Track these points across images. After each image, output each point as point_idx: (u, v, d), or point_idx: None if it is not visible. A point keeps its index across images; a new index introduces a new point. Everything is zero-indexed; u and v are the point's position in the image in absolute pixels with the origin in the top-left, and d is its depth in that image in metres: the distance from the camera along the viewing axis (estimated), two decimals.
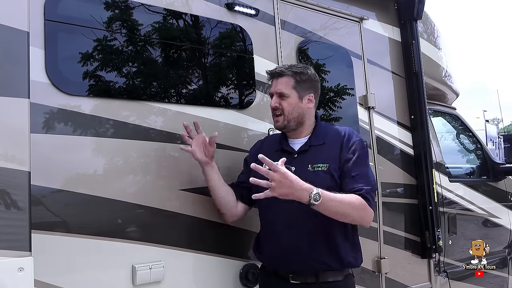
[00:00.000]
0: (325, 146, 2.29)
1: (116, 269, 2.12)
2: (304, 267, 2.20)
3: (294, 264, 2.22)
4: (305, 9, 3.10)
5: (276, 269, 2.30)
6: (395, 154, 3.52)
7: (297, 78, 2.31)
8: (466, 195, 4.15)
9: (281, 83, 2.30)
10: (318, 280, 2.20)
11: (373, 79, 3.40)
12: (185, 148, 2.30)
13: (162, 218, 2.28)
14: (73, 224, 2.04)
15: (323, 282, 2.20)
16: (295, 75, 2.31)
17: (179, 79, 2.49)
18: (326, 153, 2.26)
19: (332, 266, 2.20)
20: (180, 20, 2.52)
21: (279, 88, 2.30)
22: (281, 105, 2.29)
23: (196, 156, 2.28)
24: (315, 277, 2.20)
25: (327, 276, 2.20)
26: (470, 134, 4.82)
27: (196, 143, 2.30)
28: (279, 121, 2.31)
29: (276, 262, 2.29)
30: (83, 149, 2.11)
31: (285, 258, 2.23)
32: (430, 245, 3.46)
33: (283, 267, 2.26)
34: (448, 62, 4.54)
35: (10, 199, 1.50)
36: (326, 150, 2.28)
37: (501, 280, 4.42)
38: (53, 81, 2.04)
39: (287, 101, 2.29)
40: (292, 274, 2.22)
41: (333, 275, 2.21)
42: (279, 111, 2.29)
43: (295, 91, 2.30)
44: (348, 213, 2.11)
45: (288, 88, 2.29)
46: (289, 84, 2.30)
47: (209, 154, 2.31)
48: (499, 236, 4.54)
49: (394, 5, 3.69)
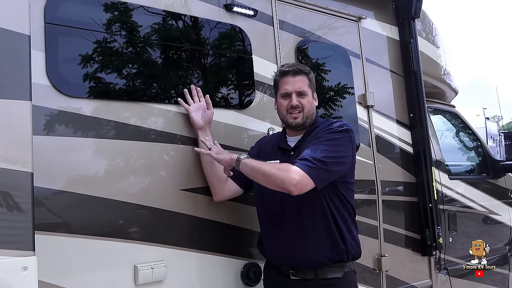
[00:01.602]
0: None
1: (118, 269, 2.14)
2: (303, 261, 2.22)
3: (293, 260, 2.24)
4: (303, 9, 3.11)
5: (278, 265, 2.33)
6: (394, 152, 3.53)
7: (309, 77, 2.36)
8: (466, 192, 4.16)
9: (299, 81, 2.32)
10: (317, 277, 2.21)
11: (371, 78, 3.41)
12: (182, 103, 2.39)
13: (163, 218, 2.30)
14: (75, 225, 2.06)
15: (322, 279, 2.21)
16: (308, 74, 2.36)
17: (179, 80, 2.51)
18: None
19: (330, 258, 2.20)
20: (179, 21, 2.54)
21: (300, 86, 2.31)
22: (301, 103, 2.30)
23: (192, 115, 2.37)
24: (314, 273, 2.22)
25: (327, 272, 2.22)
26: (469, 132, 4.82)
27: (195, 106, 2.40)
28: (298, 117, 2.30)
29: (277, 258, 2.33)
30: (85, 150, 2.13)
31: (285, 254, 2.26)
32: (430, 243, 3.47)
33: (283, 262, 2.29)
34: (446, 60, 4.55)
35: (13, 200, 1.52)
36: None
37: (502, 277, 4.42)
38: (54, 83, 2.06)
39: (306, 99, 2.32)
40: (292, 270, 2.25)
41: (332, 272, 2.22)
42: (299, 109, 2.30)
43: (310, 90, 2.34)
44: (261, 172, 2.11)
45: (306, 86, 2.33)
46: (305, 82, 2.33)
47: (206, 118, 2.40)
48: (499, 233, 4.54)
49: (392, 4, 3.70)
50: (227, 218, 2.50)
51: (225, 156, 2.26)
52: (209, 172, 2.40)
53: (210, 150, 2.29)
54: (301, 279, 2.23)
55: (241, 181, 2.41)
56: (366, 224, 3.07)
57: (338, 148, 2.18)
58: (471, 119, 5.76)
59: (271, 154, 2.34)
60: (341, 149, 2.19)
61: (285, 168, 2.08)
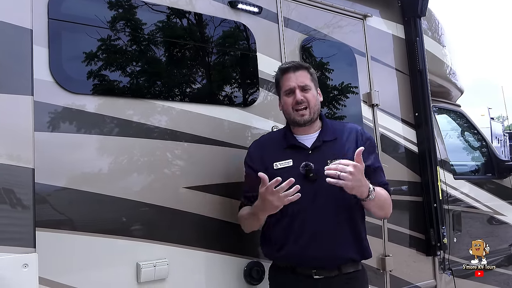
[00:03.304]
0: (338, 141, 2.30)
1: (121, 266, 2.14)
2: (329, 261, 2.21)
3: (318, 260, 2.20)
4: (308, 7, 3.09)
5: (295, 266, 2.26)
6: (399, 151, 3.51)
7: (310, 72, 2.33)
8: (471, 192, 4.13)
9: (301, 76, 2.29)
10: (341, 272, 2.22)
11: (377, 77, 3.39)
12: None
13: (166, 216, 2.29)
14: (78, 222, 2.05)
15: (346, 273, 2.23)
16: (308, 69, 2.34)
17: (183, 78, 2.50)
18: (342, 149, 2.26)
19: (354, 259, 2.25)
20: (183, 18, 2.53)
21: (302, 81, 2.28)
22: (306, 97, 2.26)
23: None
24: (338, 269, 2.22)
25: (349, 267, 2.24)
26: (475, 132, 4.79)
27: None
28: (305, 114, 2.27)
29: (296, 260, 2.24)
30: (87, 147, 2.12)
31: (310, 253, 2.19)
32: (434, 243, 3.46)
33: (305, 263, 2.23)
34: (452, 59, 4.52)
35: (14, 196, 1.51)
36: (340, 145, 2.28)
37: (507, 277, 4.40)
38: (57, 79, 2.05)
39: (310, 93, 2.29)
40: (315, 270, 2.21)
41: (353, 266, 2.26)
42: (304, 104, 2.26)
43: (313, 84, 2.32)
44: (384, 206, 2.28)
45: (308, 80, 2.30)
46: (307, 76, 2.31)
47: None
48: (504, 234, 4.52)
49: (397, 2, 3.68)
50: (231, 216, 2.48)
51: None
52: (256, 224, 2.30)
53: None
54: (325, 277, 2.21)
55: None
56: (371, 224, 3.03)
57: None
58: (476, 119, 5.73)
59: (279, 154, 2.28)
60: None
61: (390, 202, 2.32)
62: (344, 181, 1.98)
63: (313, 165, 2.18)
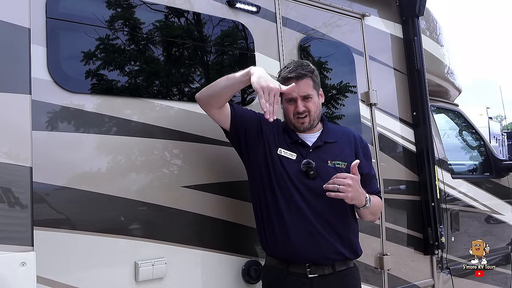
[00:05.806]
0: (338, 144, 2.34)
1: (119, 265, 2.13)
2: (323, 259, 2.22)
3: (313, 257, 2.22)
4: (306, 6, 3.10)
5: (288, 265, 2.26)
6: (397, 151, 3.52)
7: (313, 77, 2.32)
8: (469, 191, 4.14)
9: (304, 85, 2.27)
10: (335, 270, 2.24)
11: (375, 76, 3.40)
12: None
13: (165, 215, 2.29)
14: (76, 221, 2.05)
15: (339, 271, 2.25)
16: (311, 74, 2.31)
17: (181, 77, 2.50)
18: (342, 152, 2.32)
19: (348, 256, 2.27)
20: (181, 18, 2.53)
21: (305, 91, 2.26)
22: (307, 107, 2.28)
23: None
24: (332, 267, 2.24)
25: (342, 264, 2.27)
26: (472, 131, 4.80)
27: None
28: (305, 122, 2.29)
29: (291, 256, 2.25)
30: (86, 146, 2.12)
31: (303, 251, 2.21)
32: (432, 242, 3.47)
33: (300, 260, 2.23)
34: (450, 59, 4.53)
35: (12, 194, 1.51)
36: (340, 148, 2.33)
37: (504, 276, 4.41)
38: (55, 78, 2.05)
39: (312, 102, 2.29)
40: (309, 269, 2.22)
41: (345, 263, 2.29)
42: (305, 113, 2.28)
43: (315, 90, 2.31)
44: (376, 213, 2.40)
45: (310, 89, 2.29)
46: (310, 84, 2.29)
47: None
48: (502, 233, 4.53)
49: (396, 1, 3.69)
50: (229, 215, 2.49)
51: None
52: (229, 92, 2.25)
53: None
54: (320, 276, 2.22)
55: (236, 117, 2.31)
56: (369, 223, 3.04)
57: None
58: (474, 118, 5.74)
59: (286, 144, 2.31)
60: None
61: (381, 208, 2.47)
62: (344, 193, 2.09)
63: (314, 163, 2.22)
